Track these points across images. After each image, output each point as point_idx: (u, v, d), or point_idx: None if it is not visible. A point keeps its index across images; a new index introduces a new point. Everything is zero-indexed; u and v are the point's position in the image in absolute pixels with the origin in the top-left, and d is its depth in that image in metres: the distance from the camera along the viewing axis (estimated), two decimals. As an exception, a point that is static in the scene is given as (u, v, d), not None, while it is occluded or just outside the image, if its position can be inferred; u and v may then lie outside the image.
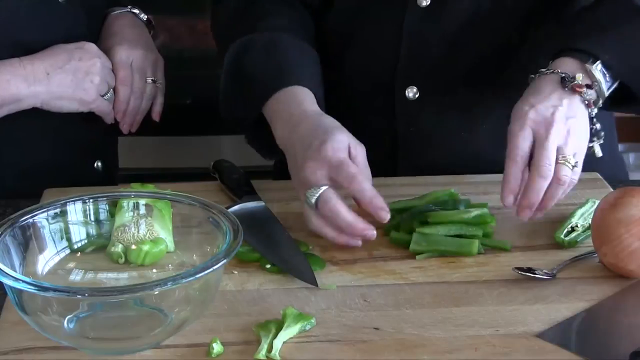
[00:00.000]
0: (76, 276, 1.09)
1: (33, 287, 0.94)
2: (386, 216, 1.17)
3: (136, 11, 1.53)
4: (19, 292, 0.96)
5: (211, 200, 1.09)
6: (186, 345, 1.01)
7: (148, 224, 1.14)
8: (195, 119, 2.54)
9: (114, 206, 1.13)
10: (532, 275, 1.14)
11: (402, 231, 1.23)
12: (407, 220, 1.24)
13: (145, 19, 1.53)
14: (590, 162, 1.44)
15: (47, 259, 1.08)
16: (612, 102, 1.30)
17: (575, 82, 1.21)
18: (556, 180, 1.17)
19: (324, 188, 1.17)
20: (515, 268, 1.14)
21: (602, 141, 1.25)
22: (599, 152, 1.25)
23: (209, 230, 1.07)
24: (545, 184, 1.17)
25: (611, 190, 1.35)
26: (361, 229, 1.17)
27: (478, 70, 1.39)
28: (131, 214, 1.14)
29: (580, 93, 1.21)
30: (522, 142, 1.18)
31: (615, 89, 1.27)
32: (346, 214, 1.16)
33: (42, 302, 0.97)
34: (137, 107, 1.48)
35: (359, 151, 1.20)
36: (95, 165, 1.52)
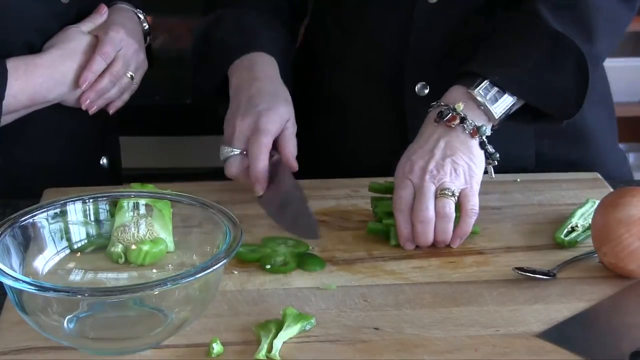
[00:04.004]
0: (76, 276, 1.09)
1: (33, 287, 0.94)
2: (259, 190, 1.25)
3: (139, 14, 1.51)
4: (19, 292, 0.96)
5: (211, 200, 1.09)
6: (186, 345, 1.01)
7: (148, 224, 1.14)
8: (195, 119, 2.53)
9: (114, 206, 1.13)
10: (532, 275, 1.14)
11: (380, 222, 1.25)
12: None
13: (146, 28, 1.51)
14: (593, 163, 1.45)
15: (47, 259, 1.08)
16: (527, 117, 1.32)
17: (447, 116, 1.24)
18: (438, 215, 1.20)
19: (236, 152, 1.27)
20: (515, 268, 1.14)
21: (495, 163, 1.26)
22: (491, 174, 1.27)
23: (209, 230, 1.07)
24: (427, 227, 1.19)
25: (611, 190, 1.35)
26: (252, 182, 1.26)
27: None
28: (131, 214, 1.14)
29: (450, 127, 1.24)
30: (403, 192, 1.22)
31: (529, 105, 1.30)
32: (235, 171, 1.28)
33: (42, 302, 0.97)
34: (107, 89, 1.41)
35: (292, 127, 1.30)
36: (101, 161, 1.52)
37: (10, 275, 0.95)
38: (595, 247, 1.15)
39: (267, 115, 1.26)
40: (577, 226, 1.24)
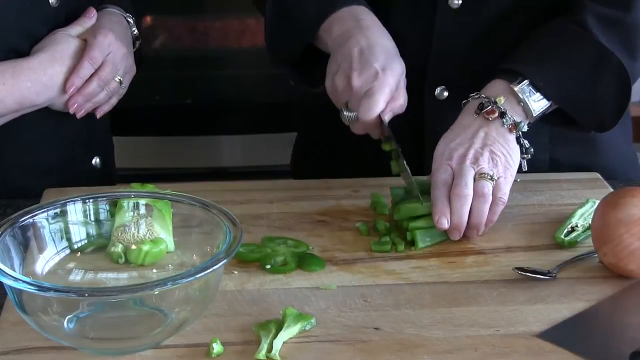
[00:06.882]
0: (76, 276, 1.09)
1: (33, 287, 0.94)
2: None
3: (129, 18, 1.50)
4: (19, 292, 0.96)
5: (211, 200, 1.09)
6: (186, 345, 1.01)
7: (148, 224, 1.14)
8: (195, 119, 2.54)
9: (114, 206, 1.13)
10: (532, 275, 1.14)
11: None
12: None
13: (135, 32, 1.51)
14: (605, 168, 1.45)
15: (47, 259, 1.08)
16: (560, 121, 1.33)
17: (487, 109, 1.26)
18: (476, 194, 1.21)
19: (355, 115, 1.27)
20: (515, 268, 1.14)
21: (529, 156, 1.28)
22: (524, 167, 1.29)
23: (209, 230, 1.07)
24: (464, 203, 1.20)
25: (611, 190, 1.35)
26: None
27: None
28: (131, 214, 1.14)
29: (488, 120, 1.26)
30: (442, 174, 1.23)
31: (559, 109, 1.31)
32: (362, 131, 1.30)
33: (42, 302, 0.97)
34: (95, 94, 1.41)
35: (403, 82, 1.29)
36: (94, 161, 1.51)
37: (10, 275, 0.95)
38: (595, 247, 1.15)
39: (384, 77, 1.25)
40: (577, 226, 1.24)
